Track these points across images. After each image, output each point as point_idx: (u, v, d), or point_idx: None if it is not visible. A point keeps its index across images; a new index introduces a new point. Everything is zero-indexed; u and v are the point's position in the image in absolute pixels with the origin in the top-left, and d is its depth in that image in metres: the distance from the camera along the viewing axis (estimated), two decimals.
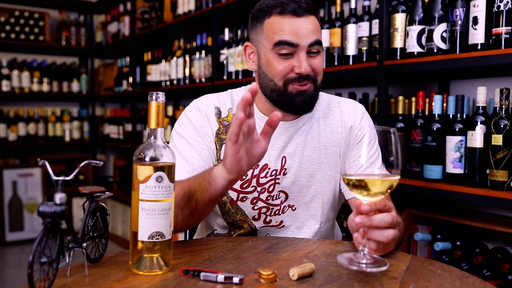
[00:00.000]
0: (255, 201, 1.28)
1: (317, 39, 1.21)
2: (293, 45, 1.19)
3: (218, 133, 1.29)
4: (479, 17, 1.58)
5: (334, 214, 1.37)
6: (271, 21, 1.21)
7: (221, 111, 1.31)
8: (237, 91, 1.37)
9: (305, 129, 1.31)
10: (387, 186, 0.85)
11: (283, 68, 1.20)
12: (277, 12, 1.20)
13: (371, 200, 0.87)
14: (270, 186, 1.28)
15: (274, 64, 1.21)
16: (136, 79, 3.93)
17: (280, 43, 1.19)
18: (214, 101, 1.32)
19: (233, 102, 1.33)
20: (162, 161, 0.88)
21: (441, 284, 0.85)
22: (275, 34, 1.20)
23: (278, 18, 1.20)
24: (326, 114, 1.34)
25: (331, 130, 1.32)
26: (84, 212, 0.91)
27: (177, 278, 0.85)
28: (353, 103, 1.37)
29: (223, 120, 1.30)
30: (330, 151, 1.31)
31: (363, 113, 1.35)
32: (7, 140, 4.13)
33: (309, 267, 0.87)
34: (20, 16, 4.23)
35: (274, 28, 1.20)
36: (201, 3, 3.06)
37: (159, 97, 0.88)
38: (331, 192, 1.32)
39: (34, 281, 0.71)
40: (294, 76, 1.21)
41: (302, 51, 1.19)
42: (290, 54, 1.20)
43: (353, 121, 1.33)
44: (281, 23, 1.19)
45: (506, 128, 1.52)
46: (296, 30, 1.18)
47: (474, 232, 1.84)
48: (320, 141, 1.31)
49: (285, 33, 1.19)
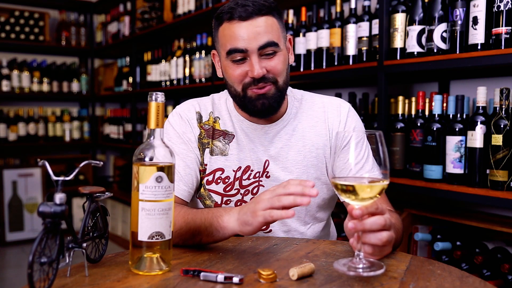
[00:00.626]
0: (239, 203, 1.27)
1: (268, 41, 1.18)
2: (242, 51, 1.18)
3: (200, 138, 1.29)
4: (479, 17, 1.58)
5: (325, 215, 1.35)
6: (223, 29, 1.22)
7: (202, 115, 1.32)
8: (219, 95, 1.38)
9: (288, 132, 1.30)
10: (376, 191, 0.85)
11: (238, 74, 1.21)
12: (226, 19, 1.20)
13: (362, 204, 0.87)
14: (254, 188, 1.27)
15: (229, 71, 1.23)
16: (136, 79, 3.93)
17: (230, 51, 1.19)
18: (195, 106, 1.33)
19: (214, 106, 1.34)
20: (162, 161, 0.88)
21: (441, 284, 0.85)
22: (226, 43, 1.20)
23: (227, 25, 1.20)
24: (310, 115, 1.32)
25: (315, 132, 1.30)
26: (84, 212, 0.92)
27: (177, 278, 0.85)
28: (337, 102, 1.34)
29: (204, 124, 1.30)
30: (314, 153, 1.29)
31: (348, 112, 1.32)
32: (7, 140, 4.13)
33: (309, 267, 0.87)
34: (20, 16, 4.23)
35: (225, 36, 1.21)
36: (201, 3, 3.06)
37: (158, 97, 0.88)
38: (318, 194, 1.30)
39: (34, 281, 0.72)
40: (249, 80, 1.21)
41: (253, 55, 1.18)
42: (243, 59, 1.20)
43: (338, 121, 1.30)
44: (230, 30, 1.19)
45: (506, 128, 1.52)
46: (243, 35, 1.17)
47: (474, 232, 1.84)
48: (304, 144, 1.29)
49: (233, 40, 1.18)
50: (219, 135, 1.30)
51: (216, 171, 1.28)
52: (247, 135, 1.29)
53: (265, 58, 1.20)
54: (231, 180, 1.27)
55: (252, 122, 1.29)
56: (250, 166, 1.27)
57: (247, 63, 1.20)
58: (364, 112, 2.19)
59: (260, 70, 1.18)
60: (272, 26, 1.20)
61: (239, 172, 1.27)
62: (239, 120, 1.30)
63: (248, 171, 1.27)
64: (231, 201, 1.28)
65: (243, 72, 1.20)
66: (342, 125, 1.30)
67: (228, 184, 1.27)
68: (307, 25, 2.30)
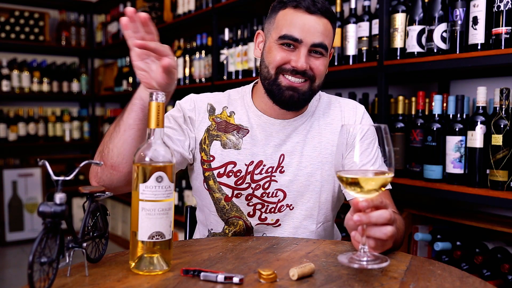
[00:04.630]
0: (250, 197, 1.29)
1: (323, 42, 1.22)
2: (297, 40, 1.20)
3: (210, 129, 1.31)
4: (479, 17, 1.58)
5: (333, 215, 1.38)
6: (284, 13, 1.23)
7: (215, 108, 1.34)
8: (235, 91, 1.40)
9: (305, 128, 1.32)
10: (380, 182, 0.86)
11: (281, 58, 1.22)
12: (292, 5, 1.22)
13: (367, 197, 0.87)
14: (266, 183, 1.28)
15: (273, 52, 1.24)
16: (136, 79, 3.93)
17: (285, 36, 1.21)
18: (210, 98, 1.36)
19: (230, 101, 1.35)
20: (162, 161, 0.88)
21: (441, 284, 0.85)
22: (283, 27, 1.22)
23: (291, 11, 1.22)
24: (327, 113, 1.35)
25: (331, 130, 1.32)
26: (84, 212, 0.91)
27: (177, 278, 0.85)
28: (353, 103, 1.38)
29: (216, 117, 1.32)
30: (329, 150, 1.31)
31: (364, 114, 1.36)
32: (7, 140, 4.13)
33: (309, 267, 0.87)
34: (20, 16, 4.23)
35: (284, 20, 1.23)
36: (201, 3, 3.06)
37: (159, 97, 0.88)
38: (330, 192, 1.32)
39: (34, 281, 0.71)
40: (288, 67, 1.22)
41: (304, 48, 1.21)
42: (292, 47, 1.22)
43: (353, 121, 1.33)
44: (292, 16, 1.21)
45: (506, 128, 1.52)
46: (304, 26, 1.20)
47: (474, 232, 1.84)
48: (320, 141, 1.31)
49: (292, 27, 1.20)
50: (233, 129, 1.31)
51: (228, 164, 1.29)
52: (263, 130, 1.30)
53: (312, 56, 1.23)
54: (243, 174, 1.28)
55: (271, 117, 1.31)
56: (262, 161, 1.29)
57: (294, 52, 1.22)
58: None
59: (305, 64, 1.20)
60: (329, 32, 1.24)
61: (251, 166, 1.28)
62: (257, 116, 1.32)
63: (260, 166, 1.29)
64: (241, 195, 1.29)
65: (287, 58, 1.22)
66: (357, 124, 1.34)
67: (240, 177, 1.28)
68: None
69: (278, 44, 1.23)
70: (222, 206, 1.31)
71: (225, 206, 1.30)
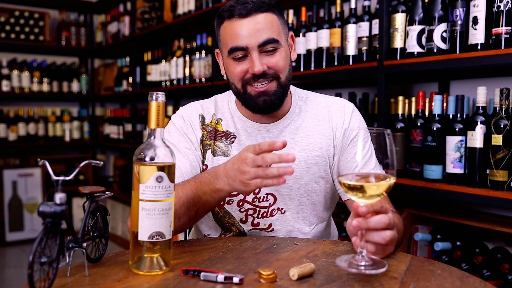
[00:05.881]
0: (241, 203, 1.28)
1: (269, 37, 1.19)
2: (243, 48, 1.19)
3: (202, 139, 1.31)
4: (479, 17, 1.58)
5: (327, 214, 1.36)
6: (224, 27, 1.23)
7: (205, 117, 1.33)
8: (221, 97, 1.39)
9: (291, 130, 1.30)
10: (383, 189, 0.85)
11: (238, 71, 1.22)
12: (227, 17, 1.21)
13: (368, 202, 0.87)
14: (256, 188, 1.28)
15: (230, 68, 1.24)
16: (136, 79, 3.93)
17: (232, 50, 1.21)
18: (198, 109, 1.34)
19: (217, 107, 1.35)
20: (162, 161, 0.88)
21: (441, 284, 0.85)
22: (228, 41, 1.21)
23: (228, 23, 1.21)
24: (314, 114, 1.33)
25: (319, 131, 1.30)
26: (84, 212, 0.92)
27: (177, 278, 0.85)
28: (341, 102, 1.35)
29: (206, 126, 1.32)
30: (318, 152, 1.29)
31: (352, 112, 1.33)
32: (7, 140, 4.13)
33: (309, 267, 0.87)
34: (20, 16, 4.23)
35: (226, 34, 1.22)
36: (201, 3, 3.06)
37: (159, 97, 0.88)
38: (321, 193, 1.31)
39: (34, 281, 0.72)
40: (249, 76, 1.21)
41: (254, 52, 1.19)
42: (244, 57, 1.21)
43: (342, 121, 1.31)
44: (230, 28, 1.21)
45: (506, 128, 1.52)
46: (243, 32, 1.18)
47: (474, 232, 1.84)
48: (308, 142, 1.29)
49: (234, 38, 1.19)
50: (221, 136, 1.31)
51: None
52: (249, 135, 1.30)
53: (266, 55, 1.21)
54: None
55: (255, 122, 1.30)
56: None
57: (247, 60, 1.21)
58: (364, 112, 2.19)
59: (261, 66, 1.19)
60: (272, 23, 1.20)
61: None
62: (242, 121, 1.31)
63: None
64: (233, 201, 1.28)
65: (244, 69, 1.21)
66: (346, 124, 1.31)
67: None
68: (307, 25, 2.30)
69: (231, 59, 1.22)
70: (216, 213, 1.31)
71: (218, 213, 1.30)
